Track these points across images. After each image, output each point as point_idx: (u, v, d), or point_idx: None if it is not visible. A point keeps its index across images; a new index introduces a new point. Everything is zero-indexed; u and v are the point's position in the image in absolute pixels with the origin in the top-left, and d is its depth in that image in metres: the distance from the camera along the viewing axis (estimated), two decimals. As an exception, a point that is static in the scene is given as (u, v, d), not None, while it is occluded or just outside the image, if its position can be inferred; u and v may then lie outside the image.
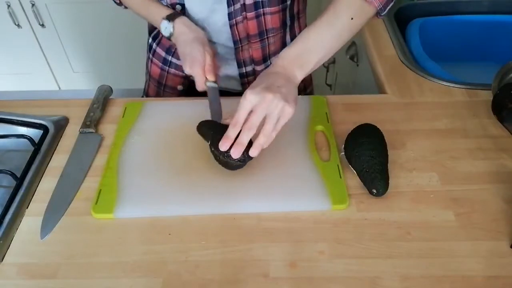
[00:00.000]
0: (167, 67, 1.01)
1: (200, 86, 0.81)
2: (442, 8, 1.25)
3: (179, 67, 0.98)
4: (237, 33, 0.89)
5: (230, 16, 0.87)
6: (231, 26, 0.88)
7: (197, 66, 0.80)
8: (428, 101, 0.89)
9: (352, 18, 0.70)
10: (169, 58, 0.99)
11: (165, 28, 0.84)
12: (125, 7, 0.93)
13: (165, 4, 0.88)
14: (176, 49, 0.95)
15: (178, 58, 0.96)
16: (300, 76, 0.69)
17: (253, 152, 0.66)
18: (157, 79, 1.03)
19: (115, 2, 0.92)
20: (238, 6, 0.85)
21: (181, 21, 0.84)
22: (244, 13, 0.86)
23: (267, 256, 0.63)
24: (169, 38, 0.86)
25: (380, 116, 0.83)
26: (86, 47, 2.15)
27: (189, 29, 0.84)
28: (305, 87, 1.10)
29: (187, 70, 0.82)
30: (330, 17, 0.70)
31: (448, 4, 1.25)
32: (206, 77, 0.81)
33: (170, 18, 0.84)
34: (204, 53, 0.81)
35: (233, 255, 0.63)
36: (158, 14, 0.86)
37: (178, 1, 0.87)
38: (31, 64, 2.20)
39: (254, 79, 0.98)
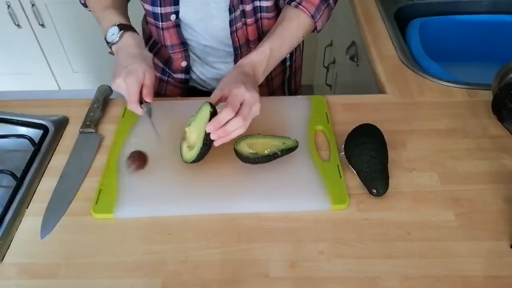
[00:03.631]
0: (166, 78, 1.00)
1: (132, 104, 0.72)
2: (442, 8, 1.25)
3: (178, 78, 0.98)
4: (237, 39, 0.89)
5: (231, 23, 0.86)
6: (231, 33, 0.88)
7: (134, 80, 0.71)
8: (428, 101, 0.89)
9: (300, 32, 0.83)
10: (168, 69, 0.98)
11: (112, 34, 0.77)
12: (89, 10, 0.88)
13: (159, 13, 0.85)
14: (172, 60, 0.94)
15: (176, 69, 0.96)
16: (262, 79, 0.79)
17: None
18: (155, 91, 1.02)
19: (80, 2, 0.89)
20: (238, 13, 0.85)
21: (132, 35, 0.77)
22: (244, 19, 0.87)
23: (267, 256, 0.63)
24: (109, 46, 0.79)
25: (380, 116, 0.83)
26: (86, 47, 2.15)
27: (136, 44, 0.77)
28: (296, 89, 1.11)
29: (117, 82, 0.72)
30: (283, 31, 0.80)
31: (448, 4, 1.25)
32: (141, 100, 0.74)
33: (122, 27, 0.77)
34: (145, 72, 0.72)
35: (233, 255, 0.63)
36: (110, 20, 0.79)
37: (173, 10, 0.85)
38: (31, 64, 2.20)
39: None
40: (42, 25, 2.03)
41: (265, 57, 0.77)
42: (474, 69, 1.21)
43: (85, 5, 0.89)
